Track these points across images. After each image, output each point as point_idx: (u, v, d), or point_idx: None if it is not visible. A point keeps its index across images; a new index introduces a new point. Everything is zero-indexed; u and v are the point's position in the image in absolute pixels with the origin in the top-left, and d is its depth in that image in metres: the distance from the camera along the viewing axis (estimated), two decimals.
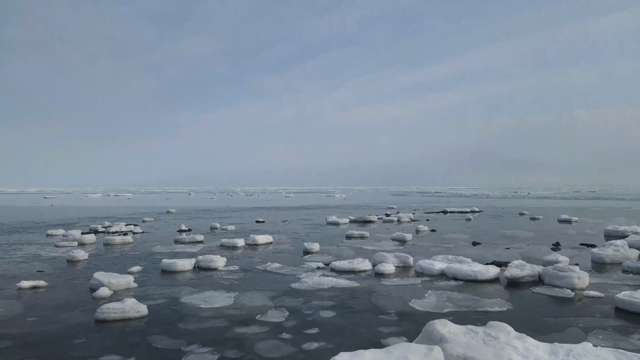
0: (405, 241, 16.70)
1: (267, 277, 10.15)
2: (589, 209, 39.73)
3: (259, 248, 15.07)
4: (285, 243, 16.33)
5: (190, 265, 11.07)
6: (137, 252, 14.10)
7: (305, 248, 14.05)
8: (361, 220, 26.19)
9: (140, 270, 10.82)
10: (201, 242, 16.55)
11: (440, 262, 10.72)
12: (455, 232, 20.31)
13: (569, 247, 14.75)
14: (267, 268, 11.11)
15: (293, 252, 14.15)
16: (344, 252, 13.93)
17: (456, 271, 9.82)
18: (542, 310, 7.40)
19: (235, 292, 8.60)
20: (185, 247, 15.10)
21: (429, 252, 13.93)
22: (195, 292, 8.62)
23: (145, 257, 13.06)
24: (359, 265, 10.90)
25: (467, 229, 21.54)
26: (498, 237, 17.86)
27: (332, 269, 11.01)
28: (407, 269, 11.15)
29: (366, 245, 15.70)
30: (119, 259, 12.65)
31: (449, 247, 15.13)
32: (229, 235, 18.90)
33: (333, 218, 25.69)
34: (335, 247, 15.33)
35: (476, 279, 9.56)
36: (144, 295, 8.27)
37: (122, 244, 16.00)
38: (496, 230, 20.84)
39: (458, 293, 8.47)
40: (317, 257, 13.08)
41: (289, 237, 18.30)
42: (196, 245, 15.65)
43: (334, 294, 8.43)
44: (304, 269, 11.08)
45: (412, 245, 15.55)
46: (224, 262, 11.46)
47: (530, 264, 10.08)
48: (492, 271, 9.69)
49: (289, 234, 19.51)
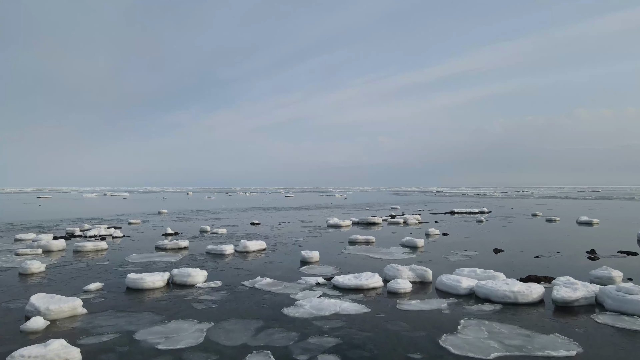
0: (417, 247, 14.74)
1: (255, 297, 8.19)
2: (603, 209, 37.75)
3: (250, 256, 13.11)
4: (280, 250, 14.36)
5: (162, 281, 9.10)
6: (107, 261, 12.13)
7: (303, 257, 12.09)
8: (364, 222, 24.22)
9: (99, 288, 8.84)
10: (185, 249, 14.58)
11: (467, 278, 8.75)
12: (469, 236, 18.36)
13: (606, 255, 12.78)
14: (255, 284, 9.14)
15: (288, 261, 12.19)
16: (347, 262, 11.97)
17: (490, 291, 7.85)
18: (624, 353, 5.44)
19: (211, 321, 6.64)
20: (165, 255, 13.14)
21: (447, 262, 11.97)
22: (159, 322, 6.65)
23: (114, 268, 11.10)
24: (367, 281, 8.93)
25: (482, 233, 19.57)
26: (520, 243, 15.90)
27: (334, 285, 9.05)
28: (425, 286, 9.18)
29: (372, 252, 13.73)
30: (81, 272, 10.68)
31: (467, 255, 13.17)
32: (219, 240, 16.94)
33: (334, 220, 23.73)
34: (337, 255, 13.37)
35: (516, 301, 7.59)
36: (87, 329, 6.31)
37: (94, 251, 14.03)
38: (514, 235, 18.87)
39: (499, 324, 6.50)
40: (316, 268, 11.12)
41: (285, 242, 16.33)
42: (178, 253, 13.69)
43: (338, 325, 6.46)
44: (300, 285, 9.12)
45: (426, 253, 13.57)
46: (204, 277, 9.50)
47: (581, 282, 8.12)
48: (535, 292, 7.73)
49: (285, 238, 17.54)
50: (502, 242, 15.91)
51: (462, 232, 20.02)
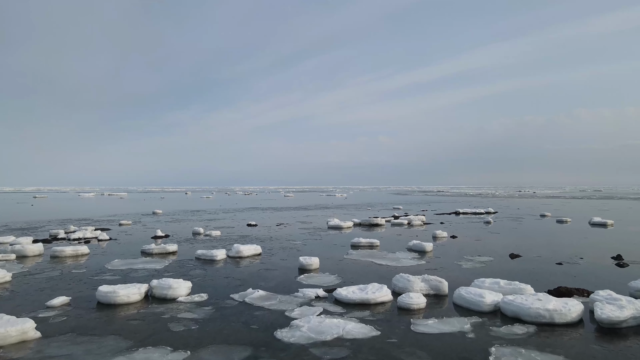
0: (425, 252, 13.57)
1: (244, 315, 7.02)
2: (612, 209, 36.58)
3: (243, 262, 11.94)
4: (277, 255, 13.19)
5: (139, 294, 7.92)
6: (84, 269, 10.96)
7: (301, 264, 10.92)
8: (367, 223, 23.06)
9: (65, 303, 7.67)
10: (173, 254, 13.41)
11: (490, 292, 7.57)
12: (479, 238, 17.19)
13: (636, 262, 11.62)
14: (246, 298, 7.97)
15: (285, 269, 11.02)
16: (350, 270, 10.80)
17: (520, 308, 6.68)
18: None
19: (187, 349, 5.48)
20: (150, 262, 11.97)
21: (461, 270, 10.80)
22: (124, 350, 5.48)
23: (89, 277, 9.92)
24: (374, 295, 7.76)
25: (492, 235, 18.41)
26: (536, 247, 14.73)
27: (336, 299, 7.89)
28: (440, 300, 8.02)
29: (377, 258, 12.56)
30: (51, 282, 9.50)
31: (482, 261, 12.00)
32: (211, 243, 15.77)
33: (335, 221, 22.56)
34: (338, 261, 12.21)
35: (552, 321, 6.43)
36: (35, 359, 5.15)
37: (74, 256, 12.86)
38: (527, 237, 17.70)
39: (539, 353, 5.34)
40: (315, 277, 9.95)
41: (282, 246, 15.15)
42: (165, 258, 12.52)
43: (342, 355, 5.30)
44: (297, 299, 7.95)
45: (435, 259, 12.40)
46: (188, 289, 8.33)
47: (626, 297, 6.95)
48: (574, 310, 6.56)
49: (282, 241, 16.37)
50: (516, 246, 14.74)
51: (470, 234, 18.86)
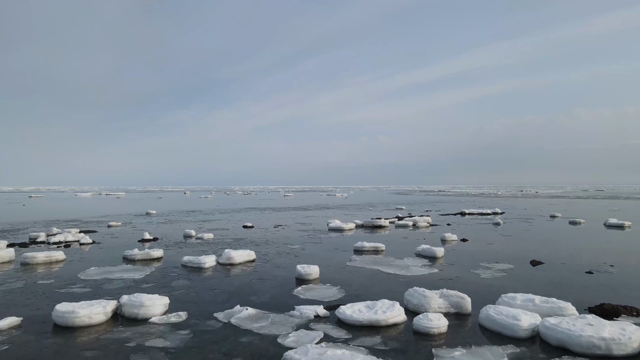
0: (436, 258, 12.31)
1: (227, 342, 5.76)
2: (622, 210, 35.31)
3: (234, 271, 10.68)
4: (272, 261, 11.92)
5: (104, 313, 6.65)
6: (52, 279, 9.70)
7: (299, 273, 9.66)
8: (370, 225, 21.79)
9: (15, 325, 6.40)
10: (158, 260, 12.15)
11: (524, 312, 6.30)
12: (492, 242, 15.92)
13: None
14: (232, 318, 6.71)
15: (281, 278, 9.76)
16: (354, 280, 9.53)
17: (568, 336, 5.41)
18: None
19: None
20: (130, 270, 10.71)
21: (480, 280, 9.53)
22: None
23: (54, 290, 8.66)
24: (385, 315, 6.50)
25: (504, 238, 17.14)
26: (556, 252, 13.47)
27: (339, 318, 6.64)
28: (463, 320, 6.75)
29: (384, 265, 11.30)
30: (8, 296, 8.23)
31: (501, 268, 10.73)
32: (201, 248, 14.51)
33: (336, 222, 21.29)
34: (340, 268, 10.94)
35: (610, 353, 5.17)
36: None
37: (47, 263, 11.61)
38: (543, 240, 16.44)
39: None
40: (315, 289, 8.69)
41: (278, 251, 13.88)
42: (148, 266, 11.26)
43: None
44: (293, 319, 6.69)
45: (449, 267, 11.14)
46: (164, 306, 7.06)
47: None
48: (635, 338, 5.29)
49: (279, 245, 15.11)
50: (534, 251, 13.48)
51: (481, 237, 17.59)
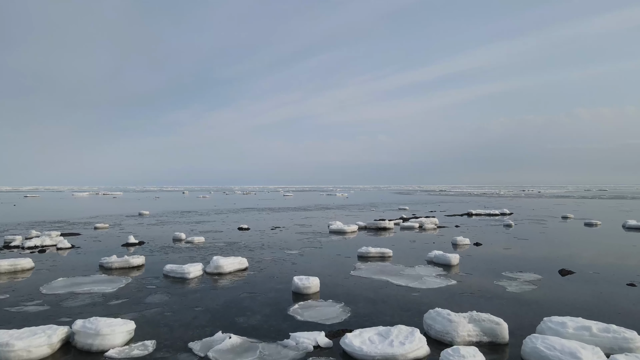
0: (451, 266, 10.96)
1: None
2: (635, 210, 33.94)
3: (222, 282, 9.32)
4: (266, 270, 10.56)
5: (49, 345, 5.30)
6: (9, 293, 8.32)
7: (296, 286, 8.29)
8: (373, 226, 20.42)
9: None
10: (138, 269, 10.79)
11: (582, 344, 4.94)
12: (508, 247, 14.56)
13: None
14: (211, 350, 5.35)
15: (275, 292, 8.39)
16: (360, 296, 8.17)
17: None
18: None
19: None
20: (103, 281, 9.35)
21: (508, 294, 8.16)
22: None
23: (5, 308, 7.29)
24: (403, 348, 5.14)
25: (520, 242, 15.78)
26: (583, 258, 12.11)
27: (345, 351, 5.29)
28: (500, 353, 5.39)
29: (393, 275, 9.94)
30: None
31: (528, 280, 9.35)
32: (189, 253, 13.16)
33: (337, 224, 19.94)
34: (344, 279, 9.58)
35: None
36: None
37: (10, 272, 10.25)
38: (563, 244, 15.08)
39: None
40: (314, 307, 7.33)
41: (274, 257, 12.52)
42: (125, 276, 9.91)
43: None
44: (287, 351, 5.33)
45: (467, 277, 9.77)
46: (127, 333, 5.70)
47: None
48: None
49: (275, 250, 13.74)
50: (558, 257, 12.14)
51: (495, 240, 16.23)
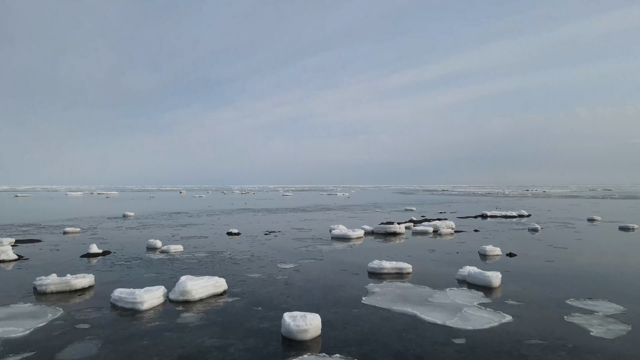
0: (492, 289, 8.42)
1: None
2: None
3: (186, 316, 6.78)
4: (251, 295, 8.00)
5: None
6: None
7: (288, 329, 5.74)
8: (382, 231, 17.88)
9: None
10: (82, 292, 8.26)
11: None
12: (549, 259, 12.01)
13: None
14: None
15: (256, 336, 5.84)
16: (380, 342, 5.60)
17: None
18: None
19: None
20: (25, 315, 6.82)
21: (592, 340, 5.60)
22: None
23: None
24: None
25: (559, 252, 13.26)
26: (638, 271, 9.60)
27: None
28: None
29: (420, 303, 7.38)
30: None
31: (608, 312, 6.81)
32: (157, 268, 10.63)
33: (340, 229, 17.42)
34: (353, 310, 7.02)
35: None
36: None
37: None
38: (614, 253, 12.57)
39: None
40: None
41: (262, 274, 9.95)
42: (61, 303, 7.38)
43: None
44: None
45: (522, 307, 7.21)
46: None
47: None
48: None
49: (265, 263, 11.21)
50: (624, 274, 9.62)
51: (528, 249, 13.70)
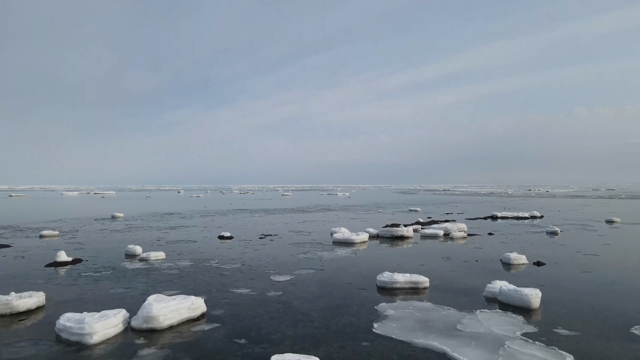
0: (532, 310, 6.86)
1: None
2: None
3: (148, 353, 5.21)
4: (234, 321, 6.43)
5: None
6: None
7: None
8: (388, 235, 16.33)
9: None
10: (26, 316, 6.69)
11: None
12: (584, 269, 10.45)
13: None
14: None
15: None
16: None
17: None
18: None
19: None
20: None
21: None
22: None
23: None
24: None
25: (591, 260, 11.71)
26: None
27: None
28: None
29: (446, 332, 5.82)
30: None
31: None
32: (127, 283, 9.07)
33: (343, 232, 15.87)
34: (362, 344, 5.45)
35: None
36: None
37: None
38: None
39: None
40: None
41: (252, 290, 8.37)
42: (6, 327, 5.83)
43: None
44: None
45: (578, 338, 5.63)
46: None
47: None
48: None
49: (257, 275, 9.63)
50: None
51: (555, 256, 12.14)
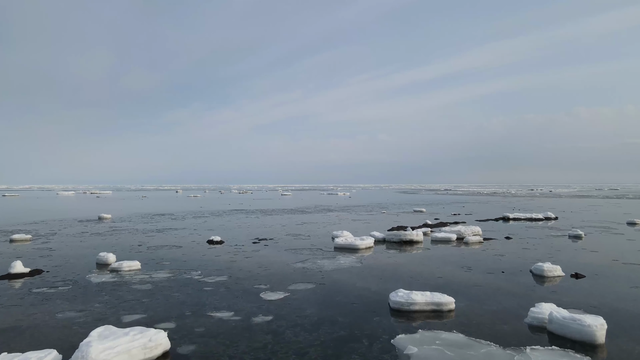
0: (595, 346, 5.25)
1: None
2: None
3: None
4: None
5: None
6: None
7: None
8: (396, 239, 14.71)
9: None
10: None
11: None
12: (634, 283, 8.84)
13: None
14: None
15: None
16: None
17: None
18: None
19: None
20: None
21: None
22: None
23: None
24: None
25: (634, 271, 10.10)
26: None
27: None
28: None
29: None
30: None
31: None
32: (84, 304, 7.47)
33: (345, 237, 14.27)
34: None
35: None
36: None
37: None
38: None
39: None
40: None
41: (235, 312, 6.76)
42: None
43: None
44: None
45: None
46: None
47: None
48: None
49: (244, 291, 8.01)
50: None
51: (590, 265, 10.53)
